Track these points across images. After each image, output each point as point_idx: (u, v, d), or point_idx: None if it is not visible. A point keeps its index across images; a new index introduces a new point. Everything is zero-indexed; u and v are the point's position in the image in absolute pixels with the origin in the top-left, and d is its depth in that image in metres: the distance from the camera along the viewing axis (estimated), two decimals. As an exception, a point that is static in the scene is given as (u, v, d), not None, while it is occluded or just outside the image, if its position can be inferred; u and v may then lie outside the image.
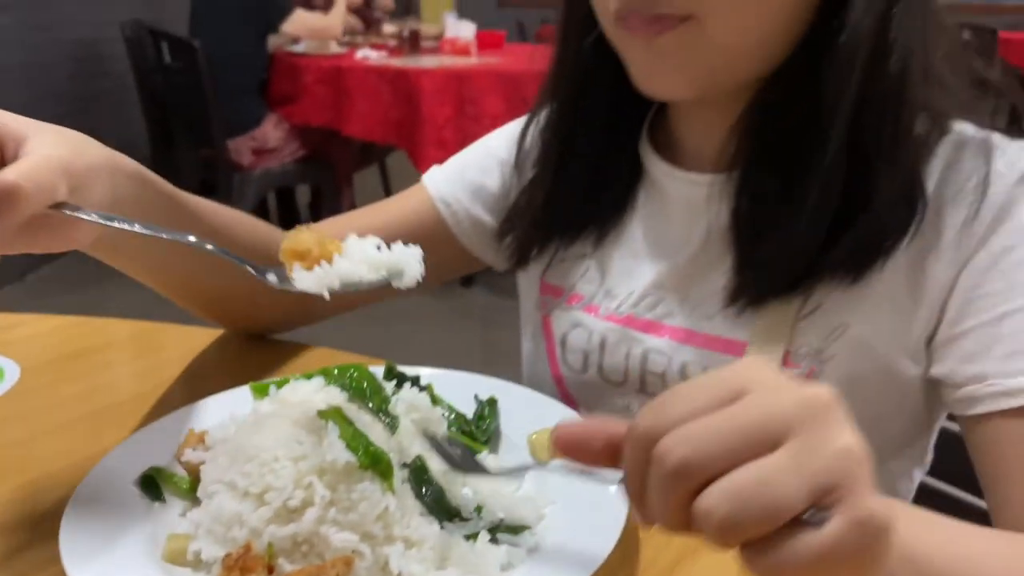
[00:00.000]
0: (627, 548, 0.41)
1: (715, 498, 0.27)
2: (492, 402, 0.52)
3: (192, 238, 0.45)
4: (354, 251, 0.43)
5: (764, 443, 0.28)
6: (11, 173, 0.39)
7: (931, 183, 0.53)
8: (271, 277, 0.44)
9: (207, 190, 3.15)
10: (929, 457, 0.62)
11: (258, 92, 3.13)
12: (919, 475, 0.63)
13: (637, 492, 0.30)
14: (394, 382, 0.49)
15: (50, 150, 0.42)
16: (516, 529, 0.42)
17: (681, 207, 0.61)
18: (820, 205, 0.51)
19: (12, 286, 3.20)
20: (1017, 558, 0.41)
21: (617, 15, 0.52)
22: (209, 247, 0.44)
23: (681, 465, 0.28)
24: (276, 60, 3.12)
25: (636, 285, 0.61)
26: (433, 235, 0.70)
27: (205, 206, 0.59)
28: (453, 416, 0.50)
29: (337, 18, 3.12)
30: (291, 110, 3.15)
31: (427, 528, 0.39)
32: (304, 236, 0.43)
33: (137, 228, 0.44)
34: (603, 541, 0.39)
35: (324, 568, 0.36)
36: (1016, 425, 0.48)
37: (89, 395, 0.59)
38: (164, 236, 0.44)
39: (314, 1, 3.66)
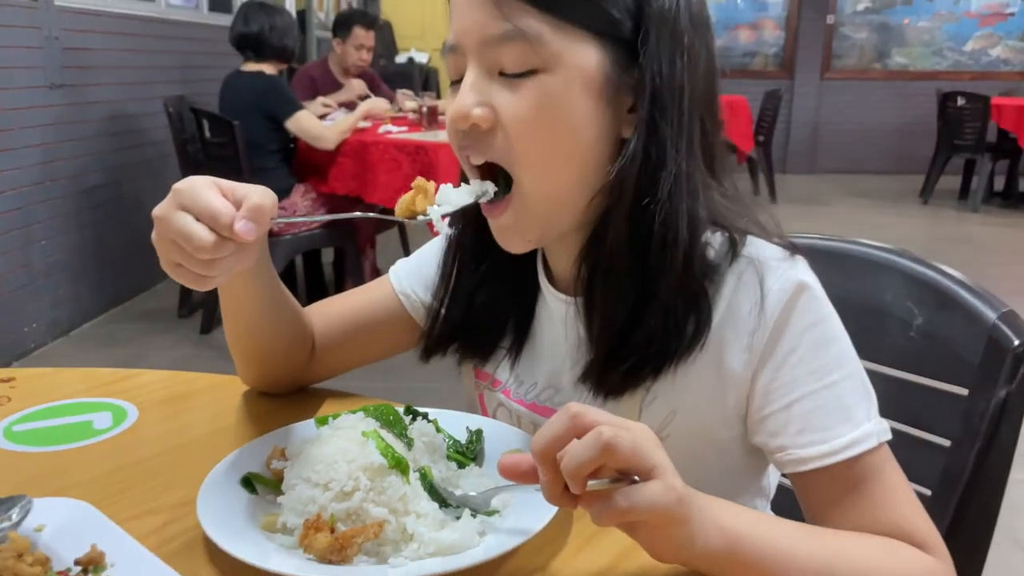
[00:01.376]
0: (560, 525, 0.63)
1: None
2: (479, 432, 0.74)
3: (372, 215, 0.72)
4: (448, 192, 0.68)
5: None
6: (253, 198, 0.61)
7: (725, 298, 0.69)
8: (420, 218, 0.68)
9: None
10: (771, 490, 0.84)
11: (285, 167, 3.37)
12: (763, 504, 0.83)
13: (548, 483, 0.52)
14: (411, 416, 0.71)
15: (260, 188, 0.63)
16: (490, 512, 0.64)
17: (559, 319, 0.78)
18: (614, 314, 0.68)
19: (59, 341, 3.46)
20: (805, 539, 0.61)
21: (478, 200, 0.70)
22: (372, 214, 0.75)
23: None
24: (305, 134, 3.38)
25: (537, 378, 0.80)
26: (395, 318, 0.88)
27: None
28: (451, 441, 0.72)
29: (335, 134, 3.26)
30: (319, 180, 3.42)
31: (430, 507, 0.61)
32: (410, 198, 0.68)
33: (321, 218, 0.76)
34: (542, 518, 0.60)
35: (366, 529, 0.58)
36: (811, 481, 0.68)
37: (191, 427, 0.81)
38: (335, 217, 0.77)
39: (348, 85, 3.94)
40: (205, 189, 0.62)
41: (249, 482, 0.67)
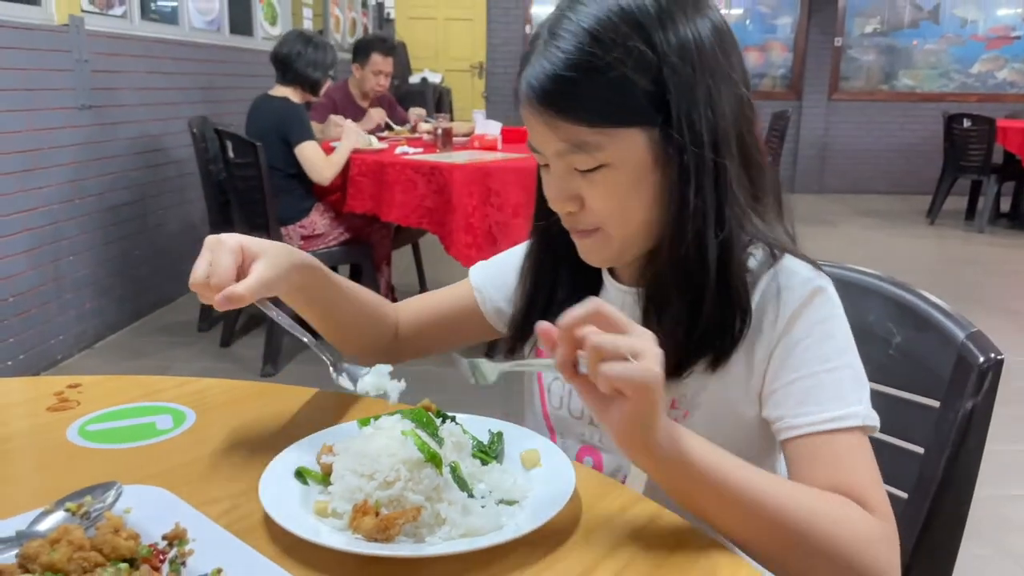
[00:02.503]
0: (571, 516, 0.73)
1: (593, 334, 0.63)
2: (499, 433, 0.84)
3: (306, 339, 0.84)
4: (368, 377, 0.83)
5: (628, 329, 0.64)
6: (240, 287, 0.78)
7: (758, 296, 0.82)
8: (343, 379, 0.83)
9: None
10: (781, 470, 0.93)
11: (304, 188, 3.48)
12: None
13: (562, 356, 0.66)
14: (441, 419, 0.81)
15: (263, 272, 0.80)
16: (510, 502, 0.74)
17: (617, 306, 0.88)
18: (677, 319, 0.82)
19: (84, 352, 3.57)
20: (751, 472, 0.71)
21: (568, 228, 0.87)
22: (305, 340, 0.85)
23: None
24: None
25: None
26: (469, 312, 1.05)
27: (348, 284, 0.98)
28: (475, 441, 0.82)
29: (331, 169, 3.38)
30: (337, 199, 3.53)
31: (459, 495, 0.71)
32: None
33: (281, 321, 0.84)
34: (554, 509, 0.70)
35: (405, 513, 0.68)
36: (797, 446, 0.79)
37: (243, 428, 0.91)
38: (287, 329, 0.84)
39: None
40: (228, 250, 0.80)
41: (301, 475, 0.77)
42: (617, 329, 0.64)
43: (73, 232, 3.52)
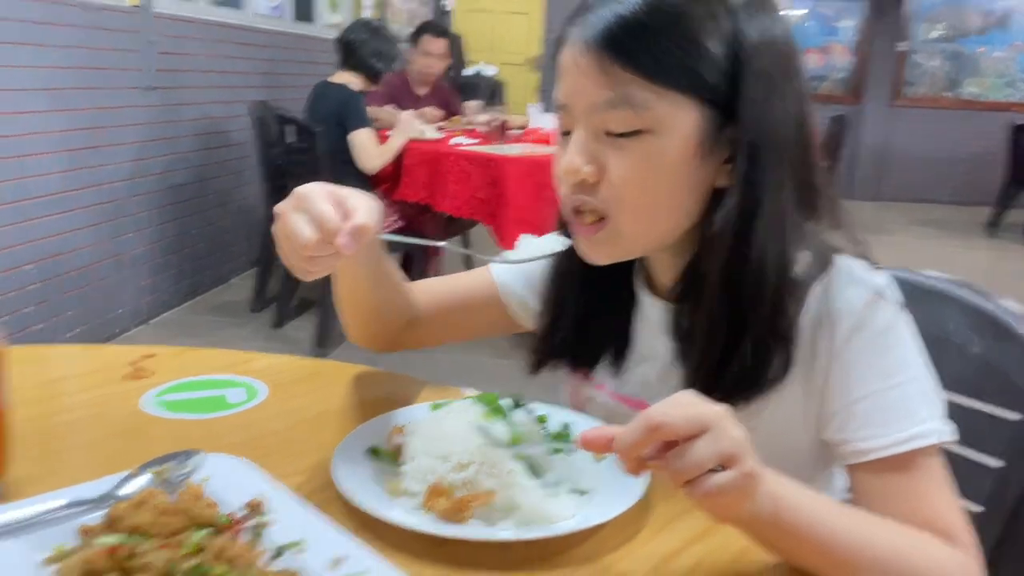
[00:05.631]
0: (643, 508, 0.72)
1: (671, 458, 0.57)
2: (569, 424, 0.83)
3: (443, 243, 0.83)
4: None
5: (698, 430, 0.57)
6: (359, 217, 0.69)
7: (811, 309, 0.75)
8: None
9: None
10: (838, 485, 0.90)
11: (360, 175, 3.51)
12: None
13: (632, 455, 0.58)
14: (514, 405, 0.80)
15: (368, 204, 0.71)
16: (582, 491, 0.73)
17: (655, 324, 0.85)
18: (708, 344, 0.75)
19: (140, 328, 3.65)
20: (843, 516, 0.67)
21: (567, 219, 0.79)
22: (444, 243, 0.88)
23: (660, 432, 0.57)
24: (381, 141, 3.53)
25: (631, 375, 0.88)
26: (489, 303, 0.98)
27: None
28: (545, 429, 0.82)
29: (380, 159, 3.43)
30: (392, 187, 3.55)
31: (532, 483, 0.71)
32: None
33: (400, 239, 0.83)
34: (628, 501, 0.70)
35: (479, 496, 0.68)
36: (866, 471, 0.75)
37: (315, 405, 0.92)
38: (420, 243, 0.87)
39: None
40: (319, 197, 0.69)
41: (375, 452, 0.77)
42: (682, 435, 0.57)
43: (133, 210, 3.59)
